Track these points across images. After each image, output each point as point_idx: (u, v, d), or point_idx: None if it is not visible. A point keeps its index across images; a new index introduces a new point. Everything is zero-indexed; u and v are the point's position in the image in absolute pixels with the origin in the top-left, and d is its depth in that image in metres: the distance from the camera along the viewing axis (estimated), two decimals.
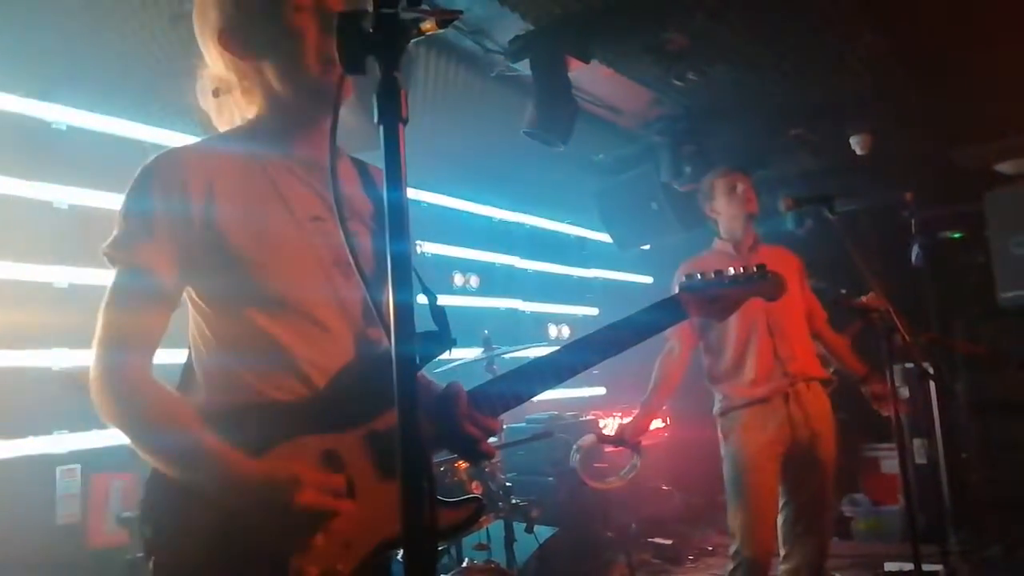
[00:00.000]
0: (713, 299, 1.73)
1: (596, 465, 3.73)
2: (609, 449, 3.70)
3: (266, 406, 1.28)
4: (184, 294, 1.34)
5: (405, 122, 0.90)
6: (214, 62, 1.40)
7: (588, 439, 3.05)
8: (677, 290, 1.75)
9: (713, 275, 1.75)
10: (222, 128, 1.46)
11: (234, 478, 1.19)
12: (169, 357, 1.38)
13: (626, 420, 3.17)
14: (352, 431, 1.29)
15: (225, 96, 1.43)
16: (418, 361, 1.30)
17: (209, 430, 1.22)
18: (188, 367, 1.37)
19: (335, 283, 1.34)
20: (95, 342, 1.26)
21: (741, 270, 1.79)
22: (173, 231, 1.27)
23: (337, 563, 1.22)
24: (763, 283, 1.83)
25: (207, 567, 1.19)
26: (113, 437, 1.28)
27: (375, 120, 0.89)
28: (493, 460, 3.23)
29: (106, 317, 1.26)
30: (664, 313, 1.68)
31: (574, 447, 3.05)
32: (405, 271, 0.89)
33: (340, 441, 1.28)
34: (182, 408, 1.27)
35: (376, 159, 1.54)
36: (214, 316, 1.33)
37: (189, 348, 1.38)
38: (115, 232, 1.29)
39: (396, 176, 0.88)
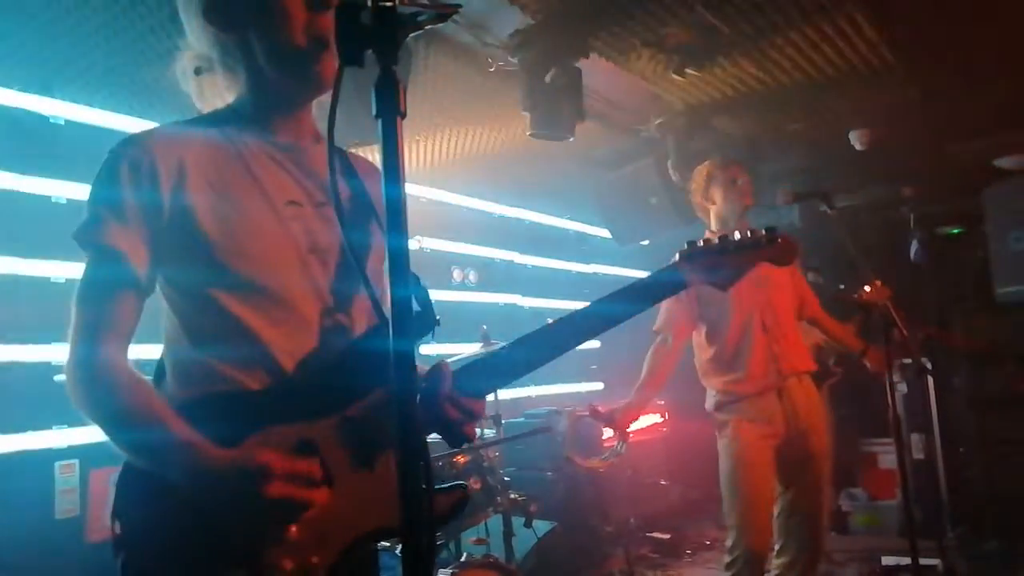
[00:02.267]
0: (717, 266, 1.58)
1: (584, 443, 3.73)
2: (606, 438, 3.71)
3: (237, 395, 1.25)
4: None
5: (403, 116, 0.89)
6: (197, 38, 1.37)
7: (579, 410, 3.06)
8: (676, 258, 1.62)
9: (717, 240, 1.61)
10: (204, 110, 1.42)
11: (202, 468, 1.15)
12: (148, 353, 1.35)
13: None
14: (326, 419, 1.25)
15: (207, 76, 1.40)
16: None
17: (182, 420, 1.19)
18: (161, 359, 1.34)
19: (310, 270, 1.31)
20: (70, 332, 1.24)
21: (748, 234, 1.63)
22: (143, 214, 1.24)
23: (312, 556, 1.19)
24: (772, 248, 1.66)
25: (177, 564, 1.16)
26: None
27: (373, 114, 0.88)
28: (493, 455, 3.24)
29: (79, 306, 1.24)
30: (662, 282, 1.57)
31: (560, 413, 3.06)
32: (403, 265, 0.88)
33: (314, 430, 1.24)
34: (153, 398, 1.24)
35: (365, 151, 1.55)
36: (183, 303, 1.29)
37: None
38: (85, 216, 1.26)
39: (394, 170, 0.88)
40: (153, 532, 1.18)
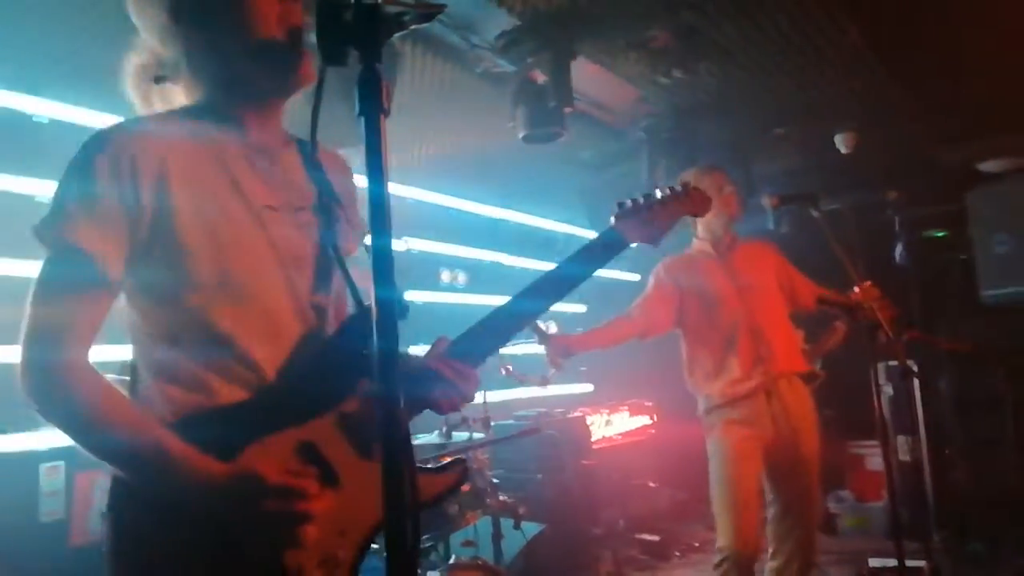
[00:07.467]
0: (647, 221, 1.83)
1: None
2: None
3: (225, 405, 1.21)
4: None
5: (387, 114, 0.89)
6: (161, 40, 1.31)
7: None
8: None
9: (642, 199, 1.86)
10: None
11: (199, 482, 1.12)
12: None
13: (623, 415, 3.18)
14: (321, 419, 1.24)
15: (164, 85, 1.35)
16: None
17: (166, 430, 1.15)
18: (135, 367, 1.27)
19: (288, 276, 1.29)
20: (23, 335, 1.16)
21: (668, 191, 1.94)
22: (122, 214, 1.17)
23: (336, 551, 1.19)
24: (687, 200, 1.99)
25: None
26: None
27: (356, 112, 0.88)
28: (482, 457, 3.24)
29: (39, 306, 1.15)
30: (607, 244, 1.73)
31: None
32: (387, 266, 0.88)
33: (312, 431, 1.23)
34: (130, 406, 1.19)
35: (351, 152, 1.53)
36: (159, 308, 1.24)
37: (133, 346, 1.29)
38: (49, 208, 1.18)
39: (377, 169, 0.87)
40: (157, 550, 1.15)
